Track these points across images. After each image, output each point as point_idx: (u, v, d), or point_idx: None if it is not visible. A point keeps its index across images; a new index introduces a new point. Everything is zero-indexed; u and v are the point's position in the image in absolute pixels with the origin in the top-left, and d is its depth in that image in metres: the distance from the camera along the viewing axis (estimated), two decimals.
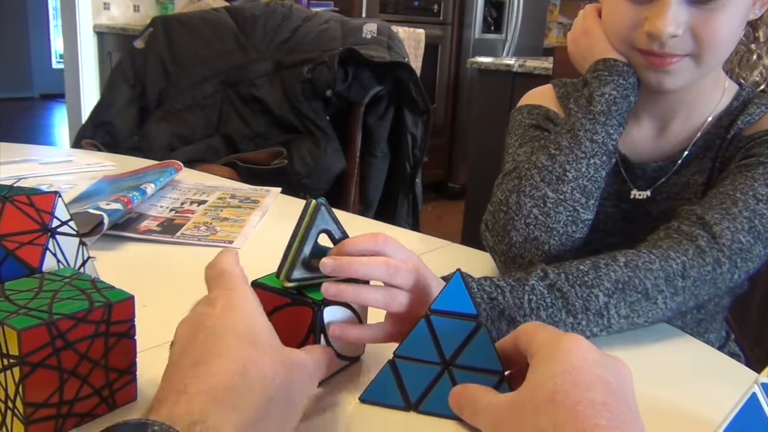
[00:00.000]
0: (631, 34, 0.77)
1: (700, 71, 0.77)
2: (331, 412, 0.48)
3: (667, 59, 0.75)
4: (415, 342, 0.48)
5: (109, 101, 1.79)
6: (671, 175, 0.84)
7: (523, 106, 0.94)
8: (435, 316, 0.48)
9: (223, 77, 1.79)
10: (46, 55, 7.92)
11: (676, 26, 0.72)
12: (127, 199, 0.87)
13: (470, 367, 0.48)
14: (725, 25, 0.74)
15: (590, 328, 0.63)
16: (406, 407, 0.49)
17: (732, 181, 0.75)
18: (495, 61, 2.75)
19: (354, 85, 1.74)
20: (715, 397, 0.53)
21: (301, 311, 0.50)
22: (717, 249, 0.68)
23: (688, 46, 0.74)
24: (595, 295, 0.63)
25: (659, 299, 0.65)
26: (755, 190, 0.72)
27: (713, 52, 0.75)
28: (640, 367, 0.43)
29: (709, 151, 0.82)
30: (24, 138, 4.78)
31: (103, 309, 0.43)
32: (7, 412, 0.42)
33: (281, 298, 0.51)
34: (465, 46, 4.42)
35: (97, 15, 3.86)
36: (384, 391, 0.49)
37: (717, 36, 0.74)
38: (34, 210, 0.48)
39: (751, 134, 0.80)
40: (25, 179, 1.04)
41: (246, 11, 1.87)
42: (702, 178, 0.82)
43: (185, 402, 0.33)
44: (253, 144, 1.73)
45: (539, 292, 0.63)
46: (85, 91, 3.86)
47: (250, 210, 0.98)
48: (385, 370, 0.49)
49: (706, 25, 0.73)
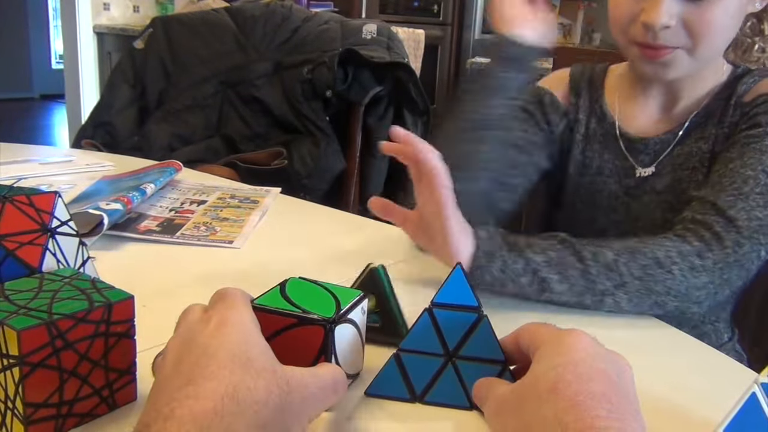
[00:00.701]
0: (629, 27, 0.80)
1: (695, 63, 0.80)
2: (337, 407, 0.48)
3: (661, 51, 0.78)
4: (419, 335, 0.49)
5: (109, 101, 1.79)
6: (674, 146, 0.85)
7: (535, 89, 0.97)
8: (438, 309, 0.49)
9: (223, 78, 1.79)
10: (45, 56, 7.91)
11: (669, 17, 0.75)
12: (126, 199, 0.87)
13: (473, 357, 0.49)
14: (718, 19, 0.76)
15: (601, 280, 0.65)
16: (411, 399, 0.49)
17: (740, 155, 0.76)
18: None
19: (354, 85, 1.74)
20: (715, 397, 0.53)
21: (310, 331, 0.46)
22: (735, 231, 0.69)
23: (681, 39, 0.77)
24: (604, 252, 0.67)
25: (675, 270, 0.66)
26: (764, 164, 0.73)
27: (706, 44, 0.78)
28: (640, 366, 0.43)
29: (711, 118, 0.84)
30: (24, 138, 4.78)
31: (102, 309, 0.43)
32: (6, 412, 0.42)
33: (287, 318, 0.46)
34: (465, 46, 4.43)
35: (96, 15, 3.86)
36: (389, 384, 0.49)
37: (709, 29, 0.76)
38: (33, 210, 0.48)
39: (753, 99, 0.81)
40: (25, 179, 1.04)
41: (246, 12, 1.87)
42: (707, 145, 0.83)
43: (172, 428, 0.32)
44: (253, 144, 1.73)
45: (550, 243, 0.68)
46: (84, 91, 3.86)
47: (250, 210, 0.98)
48: (390, 364, 0.49)
49: (698, 19, 0.75)
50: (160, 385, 0.36)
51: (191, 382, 0.34)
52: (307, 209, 1.04)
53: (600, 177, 0.90)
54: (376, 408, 0.49)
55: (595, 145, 0.92)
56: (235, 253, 0.82)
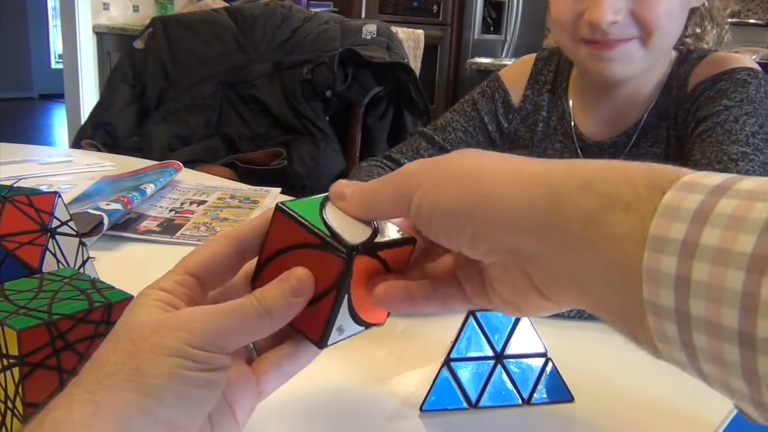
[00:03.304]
0: (574, 26, 0.78)
1: (649, 56, 0.78)
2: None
3: (612, 44, 0.76)
4: (467, 341, 0.49)
5: (109, 101, 1.79)
6: (630, 148, 0.85)
7: (493, 82, 0.97)
8: (480, 312, 0.49)
9: (222, 78, 1.79)
10: (45, 55, 7.91)
11: (615, 13, 0.73)
12: (126, 199, 0.87)
13: (519, 354, 0.49)
14: (665, 5, 0.74)
15: None
16: (468, 407, 0.49)
17: (702, 154, 0.75)
18: (494, 62, 2.76)
19: (354, 85, 1.74)
20: (715, 397, 0.53)
21: (328, 259, 0.35)
22: None
23: (632, 30, 0.75)
24: None
25: None
26: (727, 153, 0.73)
27: (659, 33, 0.75)
28: (639, 366, 0.43)
29: (662, 119, 0.83)
30: (23, 138, 4.78)
31: (102, 309, 0.43)
32: (6, 412, 0.42)
33: (309, 235, 0.35)
34: (464, 46, 4.43)
35: (96, 15, 3.86)
36: (445, 396, 0.49)
37: (657, 13, 0.74)
38: (33, 210, 0.48)
39: (691, 91, 0.80)
40: (24, 179, 1.04)
41: (246, 12, 1.87)
42: (659, 149, 0.83)
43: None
44: (252, 144, 1.73)
45: None
46: (84, 91, 3.86)
47: (249, 210, 0.98)
48: (442, 376, 0.49)
49: (644, 6, 0.73)
50: None
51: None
52: None
53: None
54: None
55: (555, 144, 0.91)
56: None
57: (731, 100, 0.76)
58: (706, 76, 0.80)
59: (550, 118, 0.92)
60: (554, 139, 0.91)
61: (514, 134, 0.94)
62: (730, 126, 0.74)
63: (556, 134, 0.91)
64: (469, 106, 0.96)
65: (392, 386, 0.52)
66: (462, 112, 0.96)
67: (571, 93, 0.91)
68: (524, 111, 0.93)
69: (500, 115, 0.94)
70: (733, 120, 0.75)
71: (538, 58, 0.96)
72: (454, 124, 0.96)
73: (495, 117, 0.94)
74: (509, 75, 0.97)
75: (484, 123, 0.95)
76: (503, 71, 0.98)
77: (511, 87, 0.95)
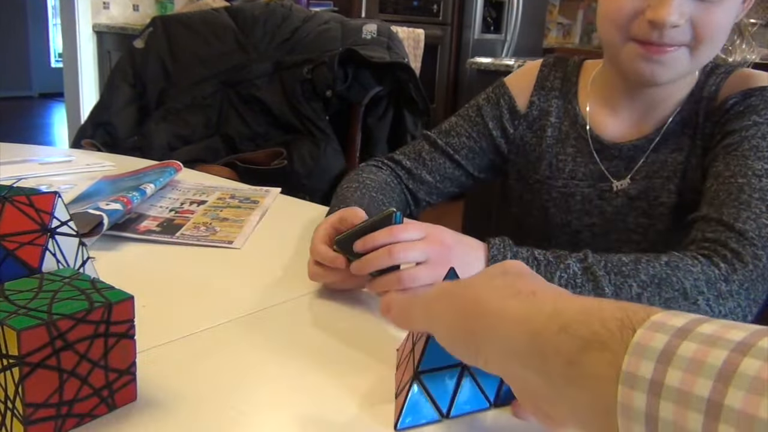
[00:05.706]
0: (630, 23, 0.77)
1: (693, 64, 0.78)
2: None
3: (665, 48, 0.75)
4: (434, 353, 0.48)
5: (109, 101, 1.79)
6: (649, 153, 0.84)
7: (498, 88, 0.98)
8: None
9: (222, 77, 1.79)
10: (45, 54, 7.91)
11: (679, 16, 0.73)
12: (126, 199, 0.87)
13: None
14: (723, 19, 0.75)
15: None
16: (440, 418, 0.49)
17: (726, 166, 0.75)
18: (494, 62, 2.76)
19: (354, 85, 1.74)
20: None
21: None
22: (749, 244, 0.67)
23: (686, 37, 0.75)
24: (629, 285, 0.64)
25: (700, 300, 0.64)
26: (752, 168, 0.73)
27: (708, 45, 0.76)
28: None
29: (686, 127, 0.83)
30: (23, 137, 4.78)
31: (102, 309, 0.43)
32: (6, 412, 0.42)
33: None
34: (464, 46, 4.43)
35: (96, 14, 3.86)
36: (418, 410, 0.48)
37: (715, 28, 0.75)
38: (33, 210, 0.48)
39: (720, 104, 0.80)
40: (24, 179, 1.04)
41: (246, 11, 1.87)
42: (681, 156, 0.83)
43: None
44: (252, 144, 1.73)
45: (572, 272, 0.64)
46: (84, 90, 3.86)
47: (249, 210, 0.98)
48: (413, 390, 0.48)
49: (706, 17, 0.74)
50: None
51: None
52: (307, 209, 1.04)
53: (573, 181, 0.89)
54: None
55: (568, 149, 0.90)
56: (234, 253, 0.82)
57: (761, 116, 0.76)
58: (736, 90, 0.80)
59: (562, 123, 0.92)
60: (566, 144, 0.90)
61: (520, 140, 0.94)
62: (757, 142, 0.75)
63: (568, 139, 0.91)
64: (473, 111, 0.97)
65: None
66: (466, 117, 0.97)
67: (583, 97, 0.91)
68: (531, 117, 0.94)
69: (506, 121, 0.94)
70: (760, 136, 0.75)
71: (544, 64, 0.96)
72: (458, 128, 0.96)
73: (500, 123, 0.95)
74: (515, 81, 0.97)
75: (488, 129, 0.95)
76: (508, 78, 0.98)
77: (516, 93, 0.95)
